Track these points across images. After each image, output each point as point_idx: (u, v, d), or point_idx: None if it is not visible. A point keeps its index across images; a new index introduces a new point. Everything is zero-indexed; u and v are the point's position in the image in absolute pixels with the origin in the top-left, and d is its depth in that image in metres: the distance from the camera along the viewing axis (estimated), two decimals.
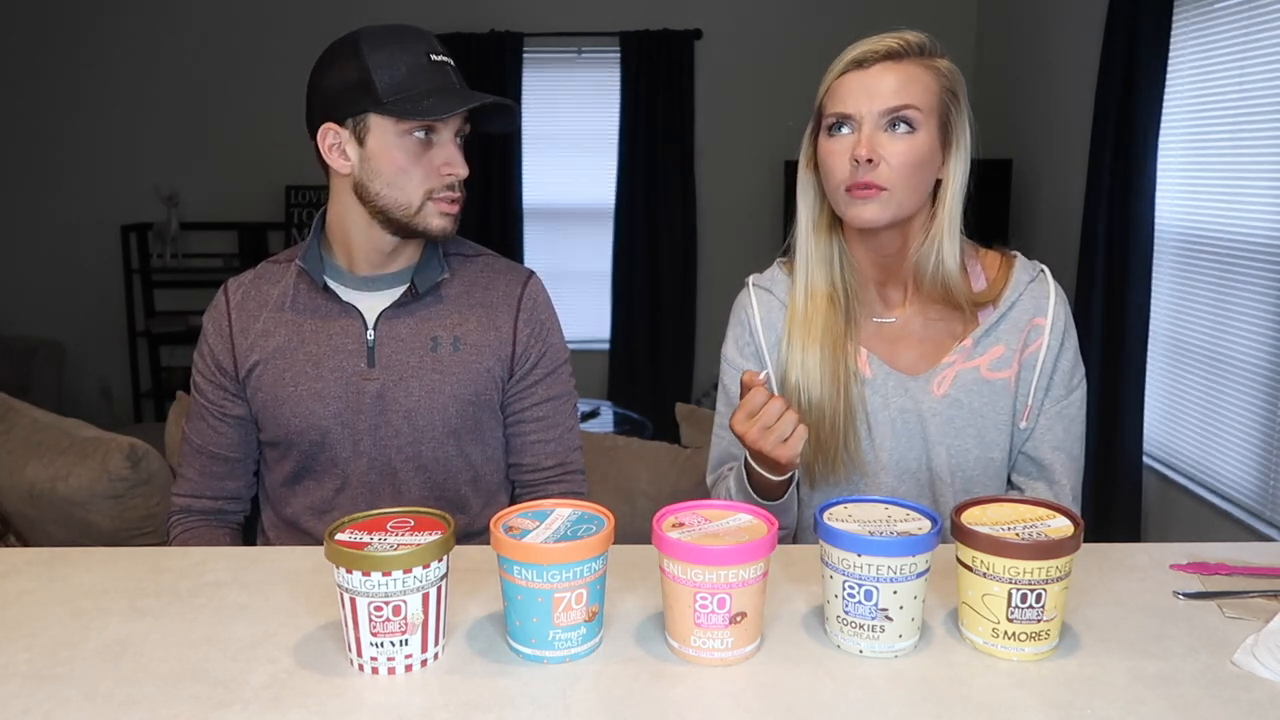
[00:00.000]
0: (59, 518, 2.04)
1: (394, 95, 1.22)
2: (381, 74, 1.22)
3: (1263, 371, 2.75)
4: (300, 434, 1.33)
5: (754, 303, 1.34)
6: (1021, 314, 1.26)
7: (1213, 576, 1.01)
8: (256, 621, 0.93)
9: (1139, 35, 3.13)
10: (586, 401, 4.53)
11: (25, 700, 0.79)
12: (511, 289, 1.40)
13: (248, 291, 1.38)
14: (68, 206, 5.11)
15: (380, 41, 1.23)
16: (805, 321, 1.27)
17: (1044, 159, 4.15)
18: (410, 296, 1.33)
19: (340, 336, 1.33)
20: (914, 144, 1.18)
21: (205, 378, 1.38)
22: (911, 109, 1.18)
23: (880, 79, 1.19)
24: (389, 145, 1.24)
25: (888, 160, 1.17)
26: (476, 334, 1.36)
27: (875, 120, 1.18)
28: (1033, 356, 1.26)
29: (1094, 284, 3.34)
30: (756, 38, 4.96)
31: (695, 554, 0.82)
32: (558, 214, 5.18)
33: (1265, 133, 2.74)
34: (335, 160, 1.27)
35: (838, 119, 1.20)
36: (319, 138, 1.27)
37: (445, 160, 1.26)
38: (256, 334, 1.34)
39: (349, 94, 1.23)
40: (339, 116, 1.25)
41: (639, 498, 2.15)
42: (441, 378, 1.33)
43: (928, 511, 0.89)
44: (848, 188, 1.19)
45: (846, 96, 1.20)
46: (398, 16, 4.85)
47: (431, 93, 1.23)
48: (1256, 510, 2.80)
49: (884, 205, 1.18)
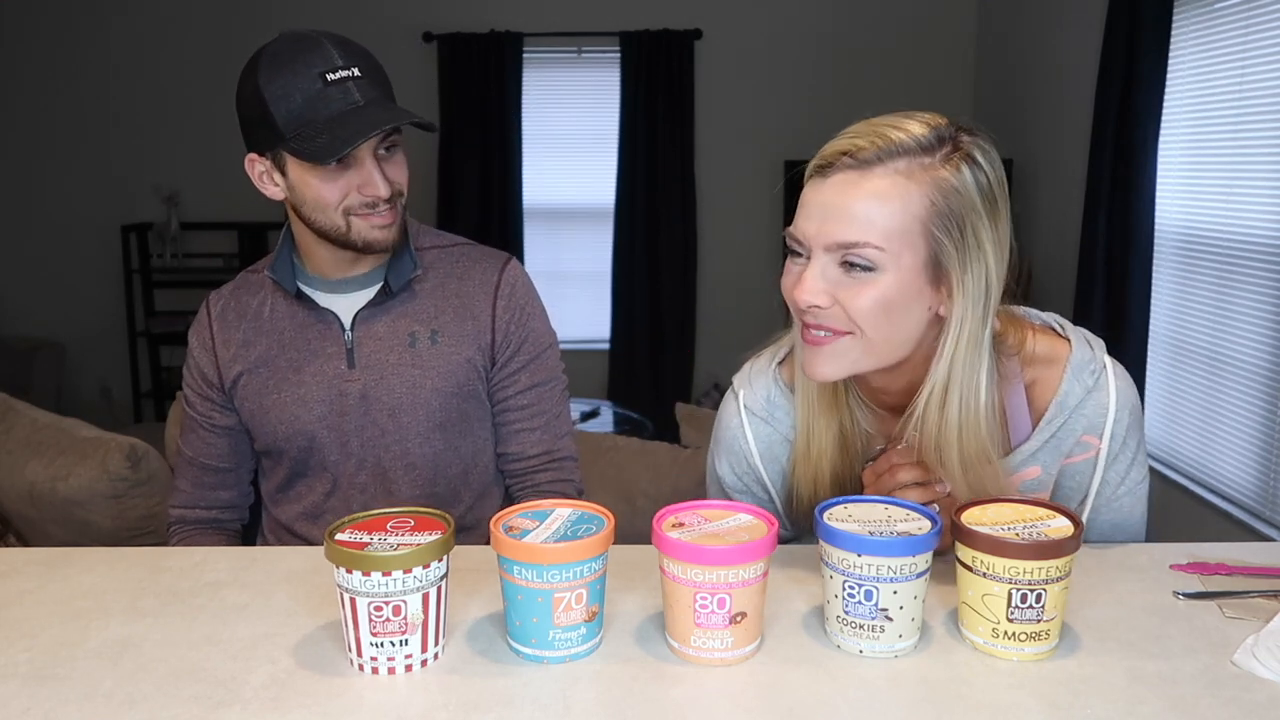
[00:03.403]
0: (59, 518, 2.04)
1: (294, 130, 1.18)
2: (279, 107, 1.18)
3: (1263, 371, 2.75)
4: (288, 440, 1.33)
5: (750, 437, 1.13)
6: (1066, 435, 1.04)
7: (1213, 576, 1.01)
8: (256, 621, 0.93)
9: (1139, 35, 3.13)
10: (586, 401, 4.53)
11: (25, 700, 0.79)
12: (488, 276, 1.38)
13: (227, 303, 1.38)
14: (68, 206, 5.11)
15: (275, 67, 1.18)
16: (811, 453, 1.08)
17: (1044, 159, 4.15)
18: (385, 294, 1.32)
19: (319, 340, 1.33)
20: (876, 288, 0.93)
21: (194, 390, 1.38)
22: (867, 248, 0.92)
23: (836, 197, 0.93)
24: (305, 176, 1.22)
25: (842, 304, 0.94)
26: (454, 325, 1.34)
27: (824, 256, 0.94)
28: (1078, 467, 1.06)
29: (1094, 284, 3.34)
30: (756, 38, 4.96)
31: (695, 554, 0.82)
32: (558, 214, 5.18)
33: (1265, 133, 2.74)
34: (268, 188, 1.27)
35: (791, 239, 0.97)
36: (247, 166, 1.27)
37: (362, 182, 1.22)
38: (238, 345, 1.35)
39: (257, 129, 1.21)
40: (257, 149, 1.24)
41: (639, 498, 2.15)
42: (421, 372, 1.32)
43: (928, 512, 0.89)
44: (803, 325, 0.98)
45: (802, 213, 0.96)
46: (397, 16, 4.87)
47: (331, 123, 1.17)
48: (1256, 510, 2.80)
49: (840, 357, 0.96)
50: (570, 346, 5.31)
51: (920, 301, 0.95)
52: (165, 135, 5.04)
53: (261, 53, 1.20)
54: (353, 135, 1.16)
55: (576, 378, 1.47)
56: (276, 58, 1.19)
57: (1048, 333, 1.09)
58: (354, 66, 1.21)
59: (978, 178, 0.94)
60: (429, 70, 4.93)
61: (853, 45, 4.88)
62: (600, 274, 5.17)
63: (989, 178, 0.95)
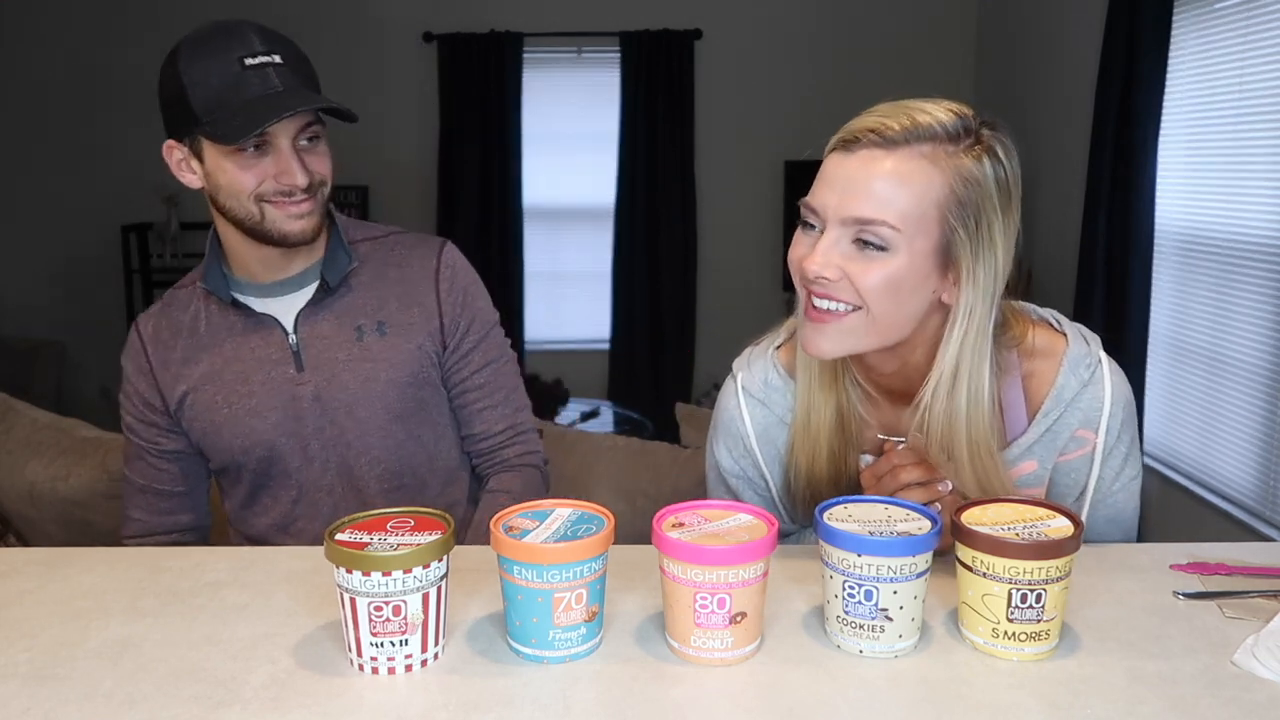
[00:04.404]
0: (59, 518, 2.04)
1: (210, 114, 1.16)
2: (196, 90, 1.16)
3: (1263, 372, 2.75)
4: (246, 453, 1.30)
5: (747, 418, 1.14)
6: (1062, 429, 1.05)
7: (1213, 576, 1.01)
8: (256, 621, 0.93)
9: (1139, 35, 3.13)
10: (586, 401, 4.53)
11: (25, 700, 0.79)
12: (427, 261, 1.36)
13: (158, 323, 1.33)
14: (68, 207, 5.11)
15: (195, 51, 1.17)
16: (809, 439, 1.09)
17: (1044, 159, 4.15)
18: (324, 292, 1.30)
19: (263, 348, 1.30)
20: (886, 267, 0.94)
21: (136, 418, 1.34)
22: (882, 226, 0.93)
23: (860, 172, 0.94)
24: (221, 161, 1.19)
25: (851, 279, 0.95)
26: (399, 314, 1.32)
27: (838, 227, 0.95)
28: (1074, 464, 1.07)
29: (1094, 284, 3.34)
30: (756, 38, 4.96)
31: (695, 554, 0.82)
32: (557, 214, 5.18)
33: (1265, 133, 2.74)
34: (186, 176, 1.24)
35: (805, 208, 0.99)
36: (165, 153, 1.25)
37: (279, 170, 1.20)
38: (178, 364, 1.31)
39: (175, 112, 1.19)
40: (176, 134, 1.22)
41: (639, 498, 2.15)
42: (374, 365, 1.30)
43: (928, 512, 0.89)
44: (810, 293, 0.98)
45: (821, 184, 0.97)
46: (397, 16, 4.87)
47: (247, 107, 1.15)
48: (1256, 510, 2.80)
49: (842, 335, 0.97)
50: (570, 346, 5.33)
51: (926, 285, 0.96)
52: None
53: (184, 39, 1.19)
54: (264, 117, 1.14)
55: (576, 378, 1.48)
56: (197, 43, 1.18)
57: (1045, 327, 1.10)
58: (275, 53, 1.19)
59: (996, 171, 0.95)
60: (429, 70, 4.93)
61: (853, 45, 4.88)
62: (600, 274, 5.17)
63: (1007, 173, 0.96)
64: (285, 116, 1.15)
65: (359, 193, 4.95)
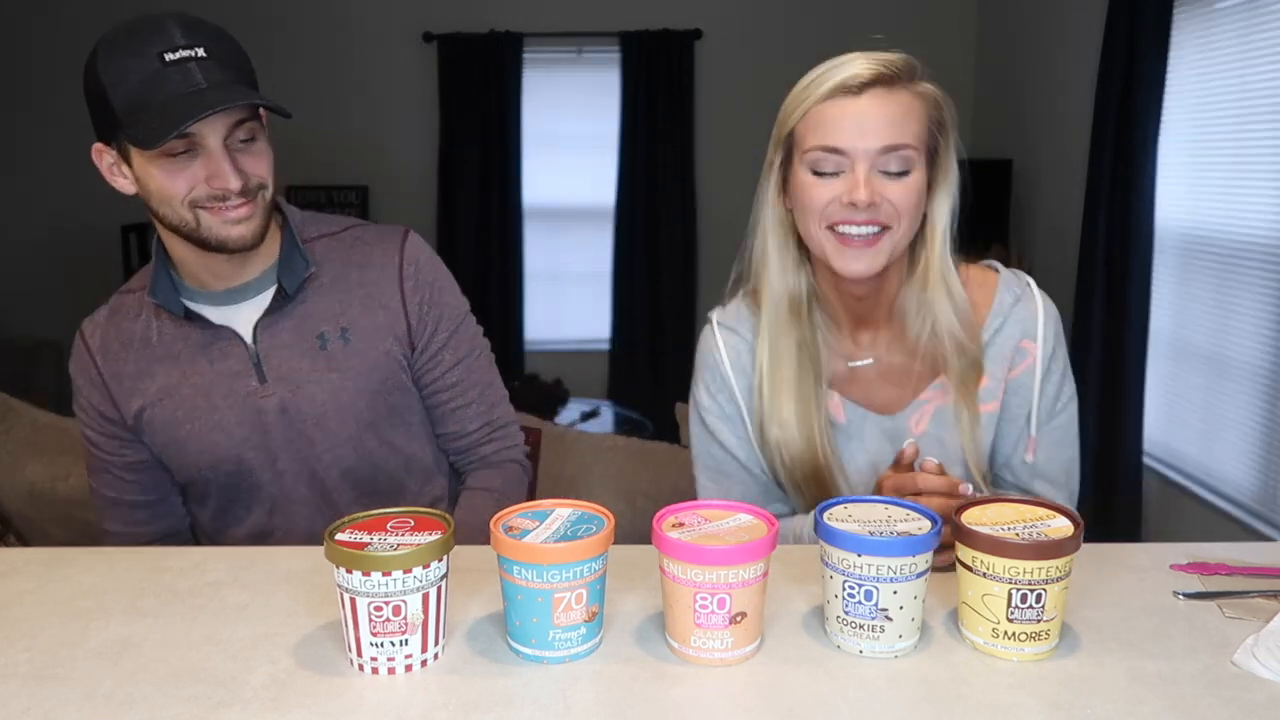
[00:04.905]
0: (59, 518, 2.04)
1: (130, 115, 1.08)
2: (116, 91, 1.08)
3: (1263, 372, 2.75)
4: (213, 469, 1.25)
5: (721, 346, 1.24)
6: (1007, 340, 1.18)
7: (1213, 576, 1.01)
8: (256, 621, 0.93)
9: (1139, 35, 3.14)
10: (586, 401, 4.53)
11: (25, 700, 0.79)
12: (389, 258, 1.29)
13: (106, 332, 1.26)
14: (68, 206, 5.11)
15: (114, 49, 1.09)
16: (775, 373, 1.18)
17: (1044, 159, 4.15)
18: (282, 299, 1.23)
19: (221, 360, 1.23)
20: (911, 186, 1.08)
21: (96, 430, 1.27)
22: (907, 150, 1.07)
23: (874, 110, 1.07)
24: (148, 166, 1.12)
25: (889, 199, 1.07)
26: (363, 318, 1.26)
27: (871, 161, 1.07)
28: (1021, 380, 1.18)
29: (1094, 284, 3.34)
30: (756, 38, 4.96)
31: (695, 554, 0.82)
32: (558, 214, 5.18)
33: (1266, 133, 2.74)
34: (118, 182, 1.17)
35: (825, 153, 1.08)
36: (94, 156, 1.17)
37: (210, 173, 1.12)
38: (131, 378, 1.24)
39: (99, 115, 1.12)
40: (103, 137, 1.14)
41: (639, 498, 2.15)
42: (340, 375, 1.24)
43: (928, 512, 0.89)
44: (835, 226, 1.09)
45: (835, 128, 1.08)
46: (397, 16, 4.87)
47: (167, 106, 1.07)
48: (1256, 510, 2.80)
49: (879, 254, 1.09)
50: (570, 346, 5.34)
51: (924, 199, 1.12)
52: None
53: (104, 35, 1.12)
54: (182, 116, 1.05)
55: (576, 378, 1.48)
56: (116, 39, 1.10)
57: (979, 267, 1.25)
58: (197, 47, 1.10)
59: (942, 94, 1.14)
60: (429, 70, 4.93)
61: (852, 45, 4.85)
62: (600, 274, 5.17)
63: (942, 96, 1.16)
64: (204, 116, 1.06)
65: (359, 193, 4.95)
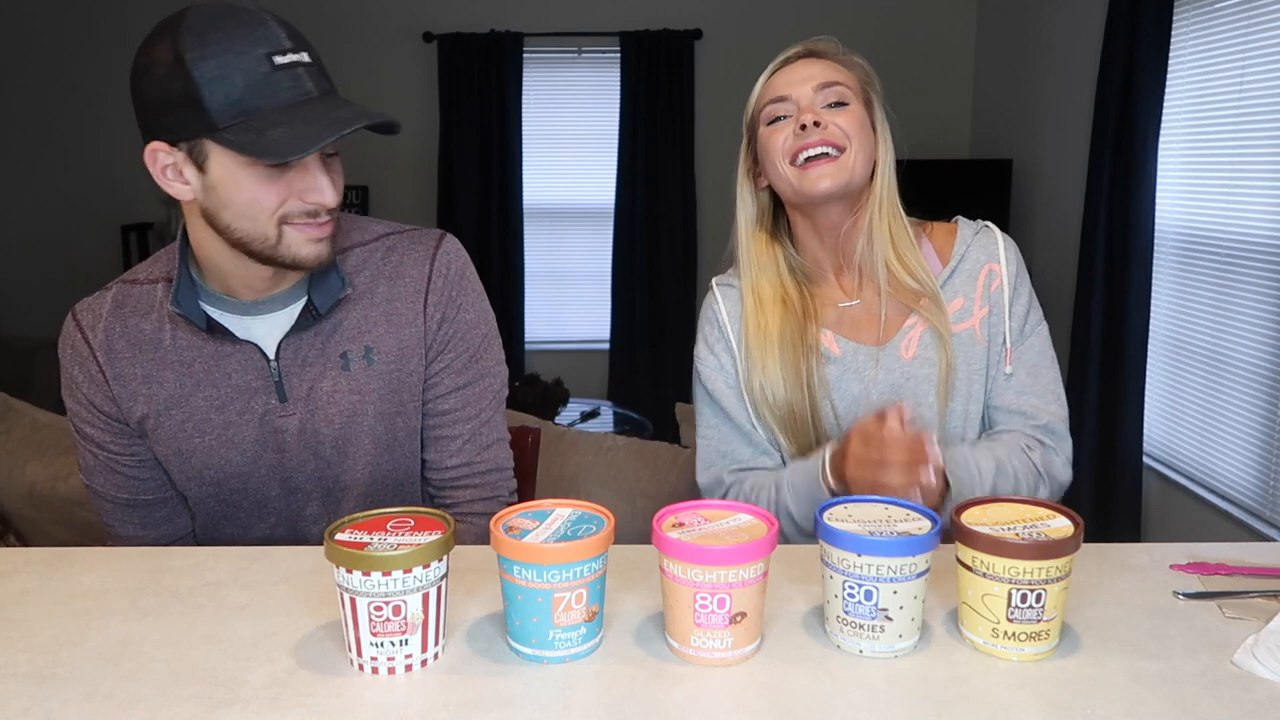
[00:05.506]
0: (59, 518, 2.04)
1: (232, 119, 0.99)
2: (213, 91, 0.98)
3: (1263, 371, 2.75)
4: (219, 484, 1.20)
5: (719, 299, 1.37)
6: (974, 264, 1.31)
7: (1213, 576, 1.01)
8: (256, 621, 0.93)
9: (1139, 35, 3.14)
10: (587, 401, 4.53)
11: (25, 700, 0.79)
12: (420, 268, 1.22)
13: (111, 329, 1.17)
14: (68, 206, 5.11)
15: (206, 43, 0.98)
16: (759, 328, 1.30)
17: (1044, 159, 4.15)
18: (311, 315, 1.16)
19: (240, 374, 1.16)
20: (852, 113, 1.26)
21: (99, 428, 1.19)
22: (842, 86, 1.28)
23: (806, 67, 1.29)
24: (236, 174, 1.02)
25: (835, 123, 1.24)
26: (388, 337, 1.20)
27: (811, 97, 1.26)
28: (994, 297, 1.30)
29: (1094, 284, 3.34)
30: (756, 38, 4.96)
31: (695, 554, 0.82)
32: (558, 214, 5.18)
33: (1265, 133, 2.74)
34: (173, 185, 1.06)
35: (774, 101, 1.28)
36: (148, 157, 1.05)
37: (307, 188, 1.05)
38: (138, 382, 1.16)
39: (176, 112, 1.00)
40: (168, 137, 1.03)
41: (639, 498, 2.15)
42: (361, 398, 1.19)
43: (928, 511, 0.89)
44: (796, 158, 1.24)
45: (778, 86, 1.29)
46: (397, 16, 4.87)
47: (283, 115, 1.00)
48: (1256, 510, 2.80)
49: (839, 170, 1.24)
50: (570, 346, 5.33)
51: (870, 137, 1.28)
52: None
53: (182, 23, 1.00)
54: (321, 131, 0.99)
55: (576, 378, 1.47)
56: (208, 31, 0.99)
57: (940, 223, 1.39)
58: (303, 51, 1.03)
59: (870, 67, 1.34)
60: (429, 70, 4.93)
61: (852, 45, 4.87)
62: (600, 274, 5.17)
63: None
64: (345, 134, 0.99)
65: (359, 192, 4.95)
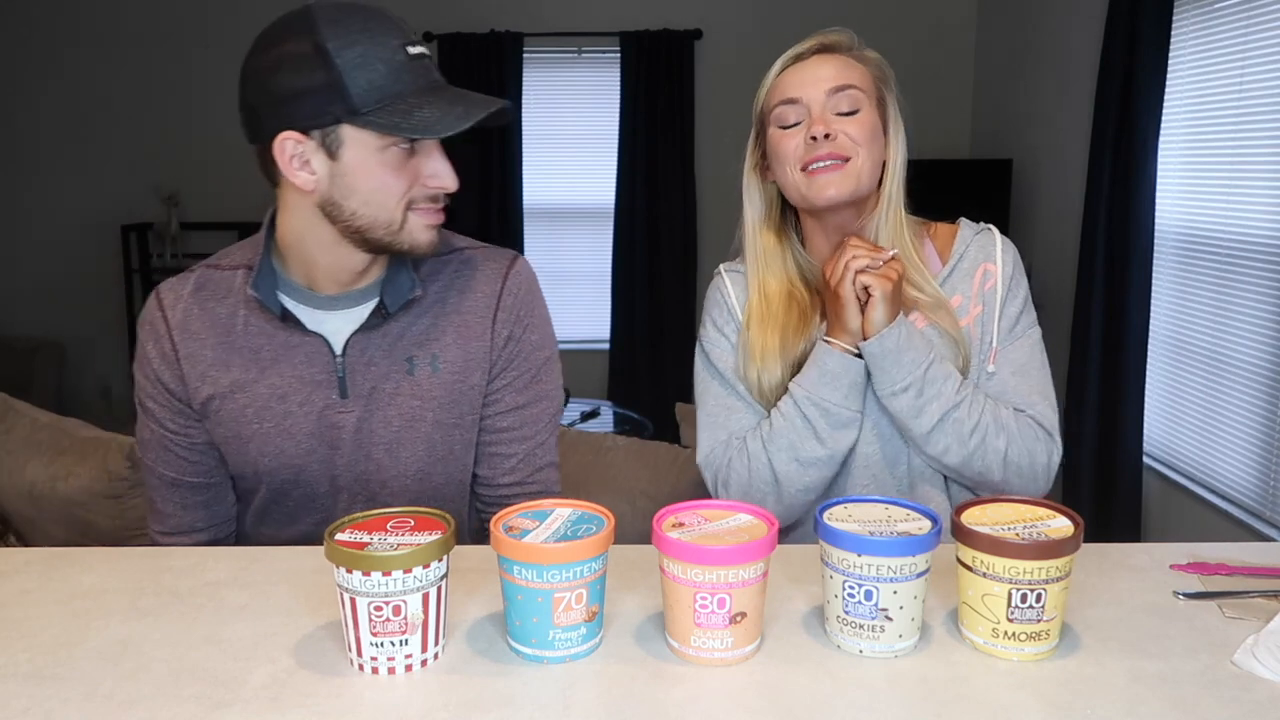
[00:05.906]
0: (59, 518, 2.04)
1: (375, 104, 1.04)
2: (356, 78, 1.03)
3: (1263, 371, 2.75)
4: (271, 474, 1.20)
5: (728, 284, 1.38)
6: (971, 262, 1.32)
7: (1213, 576, 1.01)
8: (256, 621, 0.93)
9: (1139, 35, 3.14)
10: (586, 401, 4.53)
11: (25, 700, 0.79)
12: (491, 285, 1.24)
13: (190, 310, 1.19)
14: (68, 206, 5.11)
15: (346, 33, 1.03)
16: (761, 316, 1.30)
17: (1044, 159, 4.15)
18: (381, 315, 1.17)
19: (305, 366, 1.17)
20: (863, 120, 1.24)
21: (161, 405, 1.21)
22: (854, 89, 1.24)
23: (819, 65, 1.26)
24: (368, 160, 1.07)
25: (845, 132, 1.22)
26: (455, 347, 1.21)
27: (823, 102, 1.23)
28: (987, 296, 1.30)
29: (1094, 284, 3.34)
30: (756, 38, 4.96)
31: (695, 554, 0.82)
32: (558, 214, 5.18)
33: (1265, 133, 2.74)
34: (299, 175, 1.08)
35: (786, 103, 1.25)
36: (276, 148, 1.07)
37: (432, 173, 1.11)
38: (207, 364, 1.18)
39: (315, 100, 1.04)
40: (302, 125, 1.06)
41: (639, 498, 2.15)
42: (421, 404, 1.19)
43: (928, 511, 0.89)
44: (806, 167, 1.23)
45: (790, 85, 1.26)
46: None
47: (421, 97, 1.06)
48: (1256, 510, 2.80)
49: (846, 178, 1.22)
50: (570, 347, 5.33)
51: (880, 142, 1.26)
52: (165, 135, 5.04)
53: (315, 17, 1.04)
54: (469, 109, 1.07)
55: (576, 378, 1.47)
56: (343, 22, 1.04)
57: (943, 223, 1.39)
58: (422, 44, 1.10)
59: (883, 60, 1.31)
60: None
61: None
62: (600, 274, 5.17)
63: None
64: (493, 110, 1.09)
65: None
